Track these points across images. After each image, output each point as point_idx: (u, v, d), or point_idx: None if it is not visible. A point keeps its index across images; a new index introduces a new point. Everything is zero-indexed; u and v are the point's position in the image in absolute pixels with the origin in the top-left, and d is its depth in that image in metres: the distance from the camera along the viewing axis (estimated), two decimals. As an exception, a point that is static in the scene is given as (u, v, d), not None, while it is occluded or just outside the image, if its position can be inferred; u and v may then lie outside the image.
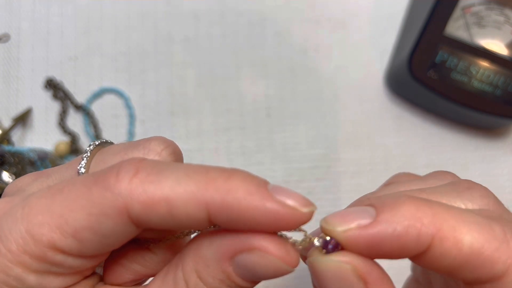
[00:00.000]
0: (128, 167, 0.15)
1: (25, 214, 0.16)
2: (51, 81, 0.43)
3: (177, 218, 0.15)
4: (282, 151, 0.43)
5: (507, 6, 0.41)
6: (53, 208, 0.16)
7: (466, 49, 0.40)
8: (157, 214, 0.15)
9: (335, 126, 0.44)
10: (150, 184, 0.15)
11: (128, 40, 0.44)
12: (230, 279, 0.16)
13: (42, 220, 0.16)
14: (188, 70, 0.44)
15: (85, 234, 0.16)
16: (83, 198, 0.15)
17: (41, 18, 0.45)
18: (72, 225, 0.15)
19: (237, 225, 0.16)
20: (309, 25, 0.45)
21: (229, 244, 0.16)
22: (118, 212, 0.15)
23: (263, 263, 0.16)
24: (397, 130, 0.44)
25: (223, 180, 0.15)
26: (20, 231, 0.16)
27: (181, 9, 0.45)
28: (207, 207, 0.15)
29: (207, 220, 0.15)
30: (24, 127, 0.43)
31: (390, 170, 0.43)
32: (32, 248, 0.16)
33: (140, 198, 0.15)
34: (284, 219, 0.15)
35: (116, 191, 0.15)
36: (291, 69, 0.45)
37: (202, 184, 0.15)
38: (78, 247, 0.16)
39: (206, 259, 0.16)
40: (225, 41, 0.45)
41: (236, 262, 0.16)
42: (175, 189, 0.15)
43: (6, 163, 0.40)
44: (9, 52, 0.44)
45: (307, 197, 0.16)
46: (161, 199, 0.15)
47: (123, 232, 0.16)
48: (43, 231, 0.16)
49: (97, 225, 0.15)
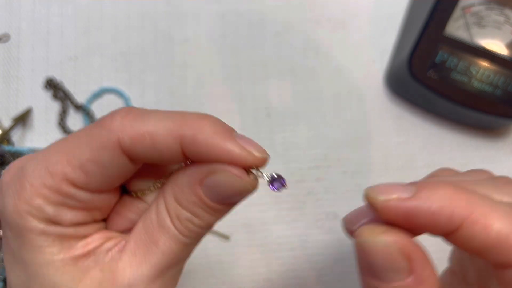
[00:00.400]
0: (120, 112, 0.20)
1: (45, 156, 0.20)
2: (51, 81, 0.43)
3: (158, 149, 0.19)
4: (282, 151, 0.43)
5: (507, 6, 0.41)
6: (64, 148, 0.20)
7: (466, 49, 0.40)
8: (142, 145, 0.19)
9: (335, 126, 0.44)
10: (137, 122, 0.19)
11: (128, 40, 0.44)
12: (201, 201, 0.20)
13: (57, 159, 0.20)
14: (188, 70, 0.44)
15: (89, 166, 0.19)
16: (86, 137, 0.20)
17: (41, 18, 0.45)
18: (78, 158, 0.19)
19: (204, 158, 0.19)
20: (309, 25, 0.45)
21: (199, 170, 0.20)
22: (113, 144, 0.19)
23: (226, 181, 0.19)
24: (397, 130, 0.44)
25: (196, 120, 0.19)
26: (41, 169, 0.20)
27: (181, 9, 0.45)
28: (181, 140, 0.19)
29: (181, 153, 0.19)
30: (24, 127, 0.43)
31: (390, 170, 0.43)
32: (50, 182, 0.19)
33: (129, 132, 0.19)
34: (240, 158, 0.19)
35: (111, 128, 0.19)
36: (291, 69, 0.45)
37: (178, 123, 0.19)
38: (85, 179, 0.20)
39: (182, 185, 0.20)
40: (225, 41, 0.45)
41: (205, 185, 0.20)
42: (157, 125, 0.19)
43: (6, 163, 0.40)
44: (9, 52, 0.44)
45: (307, 197, 0.19)
46: (146, 133, 0.19)
47: (119, 164, 0.20)
48: (58, 167, 0.19)
49: (98, 157, 0.19)
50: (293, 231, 0.41)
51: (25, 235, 0.20)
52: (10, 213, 0.20)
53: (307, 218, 0.42)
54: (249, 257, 0.40)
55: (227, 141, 0.19)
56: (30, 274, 0.20)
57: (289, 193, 0.42)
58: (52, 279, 0.20)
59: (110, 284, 0.20)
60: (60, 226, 0.20)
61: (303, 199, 0.42)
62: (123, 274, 0.20)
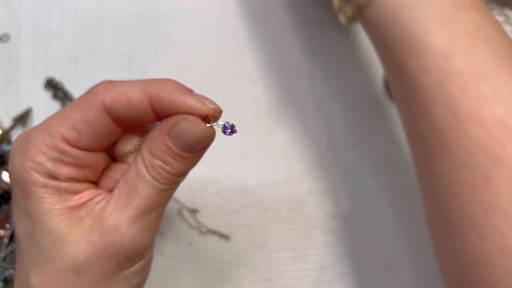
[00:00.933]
0: (103, 82, 0.25)
1: (45, 122, 0.24)
2: (51, 81, 0.43)
3: (132, 105, 0.24)
4: (282, 151, 0.43)
5: (506, 6, 0.42)
6: (60, 114, 0.24)
7: (466, 49, 0.40)
8: (120, 103, 0.24)
9: (335, 126, 0.44)
10: (115, 86, 0.24)
11: (128, 40, 0.45)
12: (170, 149, 0.24)
13: (54, 122, 0.24)
14: (188, 70, 0.44)
15: (80, 124, 0.24)
16: (77, 103, 0.24)
17: (41, 18, 0.45)
18: (70, 119, 0.24)
19: (168, 111, 0.24)
20: (309, 26, 0.46)
21: (165, 123, 0.24)
22: (98, 105, 0.24)
23: (187, 128, 0.24)
24: (396, 130, 0.44)
25: (161, 81, 0.24)
26: (42, 131, 0.24)
27: (181, 9, 0.45)
28: (150, 97, 0.24)
29: (150, 107, 0.24)
30: (24, 127, 0.43)
31: (391, 170, 0.43)
32: (49, 141, 0.24)
33: (110, 94, 0.24)
34: (196, 108, 0.24)
35: (96, 92, 0.24)
36: (291, 69, 0.45)
37: (147, 84, 0.24)
38: (77, 137, 0.24)
39: (153, 138, 0.24)
40: (225, 41, 0.45)
41: (171, 135, 0.24)
42: (131, 87, 0.24)
43: (7, 163, 0.40)
44: (9, 52, 0.44)
45: (307, 197, 0.26)
46: (122, 93, 0.24)
47: (104, 123, 0.24)
48: (55, 128, 0.24)
49: (86, 116, 0.24)
50: (293, 231, 0.41)
51: (30, 188, 0.24)
52: (18, 171, 0.24)
53: (307, 218, 0.42)
54: (249, 257, 0.40)
55: (186, 95, 0.24)
56: (33, 222, 0.24)
57: (289, 193, 0.42)
58: (51, 225, 0.24)
59: (98, 229, 0.24)
60: (58, 180, 0.24)
61: (303, 199, 0.42)
62: (109, 219, 0.24)
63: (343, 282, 0.40)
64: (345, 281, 0.40)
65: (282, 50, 0.45)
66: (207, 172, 0.42)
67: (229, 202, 0.42)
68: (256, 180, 0.42)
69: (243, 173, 0.42)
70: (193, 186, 0.42)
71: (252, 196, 0.42)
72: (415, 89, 0.27)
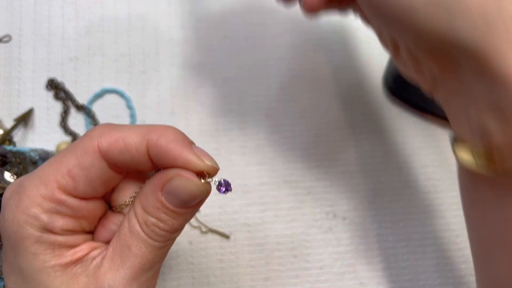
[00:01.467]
0: (99, 125, 0.24)
1: (39, 170, 0.23)
2: (52, 82, 0.44)
3: (129, 151, 0.23)
4: (282, 151, 0.43)
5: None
6: (55, 161, 0.23)
7: (465, 50, 0.40)
8: (117, 148, 0.23)
9: (335, 126, 0.44)
10: (112, 130, 0.23)
11: (129, 41, 0.45)
12: (164, 206, 0.23)
13: (49, 170, 0.23)
14: (188, 70, 0.44)
15: (75, 170, 0.23)
16: (71, 148, 0.23)
17: (42, 19, 0.45)
18: (66, 165, 0.23)
19: (164, 162, 0.23)
20: (309, 26, 0.46)
21: (159, 178, 0.23)
22: (93, 149, 0.23)
23: (182, 185, 0.22)
24: (396, 130, 0.44)
25: (161, 128, 0.23)
26: (36, 181, 0.22)
27: (181, 10, 0.45)
28: (147, 144, 0.22)
29: (147, 155, 0.23)
30: (25, 127, 0.43)
31: (390, 170, 0.43)
32: (44, 191, 0.22)
33: (106, 138, 0.23)
34: (194, 164, 0.22)
35: (92, 136, 0.23)
36: (291, 69, 0.45)
37: (146, 129, 0.23)
38: (73, 184, 0.23)
39: (146, 193, 0.23)
40: (226, 42, 0.45)
41: (165, 191, 0.23)
42: (128, 132, 0.23)
43: (8, 163, 0.40)
44: (10, 52, 0.44)
45: (307, 196, 0.22)
46: (119, 138, 0.23)
47: (100, 168, 0.23)
48: (50, 177, 0.22)
49: (82, 161, 0.23)
50: (293, 230, 0.41)
51: (22, 243, 0.22)
52: (9, 225, 0.22)
53: (306, 218, 0.42)
54: (249, 257, 0.41)
55: (184, 148, 0.23)
56: (25, 278, 0.23)
57: (289, 193, 0.42)
58: (45, 283, 0.22)
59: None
60: (53, 234, 0.23)
61: (303, 198, 0.42)
62: (104, 279, 0.23)
63: (342, 281, 0.40)
64: (344, 281, 0.41)
65: (281, 50, 0.45)
66: (207, 172, 0.43)
67: (229, 202, 0.42)
68: (256, 180, 0.42)
69: (243, 173, 0.43)
70: (194, 186, 0.42)
71: (252, 196, 0.42)
72: None
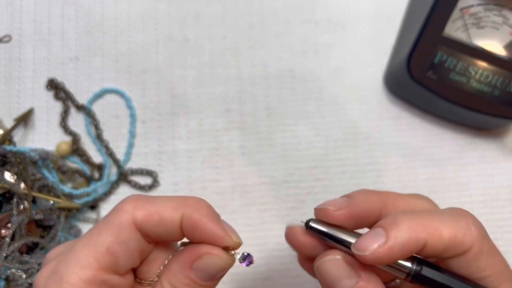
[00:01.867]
0: (129, 199, 0.24)
1: (74, 255, 0.23)
2: (52, 82, 0.44)
3: (164, 224, 0.23)
4: (282, 151, 0.43)
5: (505, 7, 0.42)
6: (89, 242, 0.23)
7: (465, 50, 0.40)
8: (152, 221, 0.23)
9: (335, 126, 0.44)
10: (146, 204, 0.23)
11: (129, 41, 0.45)
12: (193, 281, 0.24)
13: (85, 252, 0.23)
14: (188, 70, 0.44)
15: (114, 247, 0.23)
16: (104, 225, 0.23)
17: (42, 19, 0.45)
18: (103, 244, 0.23)
19: (196, 235, 0.24)
20: (309, 26, 0.46)
21: (188, 255, 0.24)
22: (129, 223, 0.23)
23: (211, 262, 0.24)
24: (396, 130, 0.44)
25: (194, 202, 0.24)
26: (74, 267, 0.22)
27: (181, 10, 0.46)
28: (182, 217, 0.23)
29: (180, 228, 0.23)
30: (25, 127, 0.43)
31: (389, 170, 0.43)
32: (86, 276, 0.22)
33: (141, 212, 0.23)
34: (223, 240, 0.24)
35: (126, 210, 0.23)
36: (291, 69, 0.45)
37: (181, 202, 0.24)
38: (113, 260, 0.23)
39: (175, 271, 0.24)
40: (225, 42, 0.45)
41: (194, 268, 0.24)
42: (163, 205, 0.23)
43: (8, 163, 0.40)
44: (10, 52, 0.44)
45: (307, 196, 0.27)
46: (154, 212, 0.23)
47: (136, 240, 0.23)
48: (89, 259, 0.22)
49: (119, 236, 0.23)
50: (293, 230, 0.42)
51: None
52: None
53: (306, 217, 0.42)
54: (249, 257, 0.41)
55: (217, 224, 0.24)
56: None
57: (289, 193, 0.42)
58: None
59: None
60: None
61: (303, 198, 0.42)
62: None
63: (342, 281, 0.41)
64: (344, 281, 0.41)
65: (281, 50, 0.45)
66: (207, 172, 0.43)
67: (229, 202, 0.42)
68: (256, 180, 0.42)
69: (243, 173, 0.43)
70: (193, 186, 0.42)
71: (252, 196, 0.42)
72: None
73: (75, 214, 0.41)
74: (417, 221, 0.24)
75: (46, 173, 0.41)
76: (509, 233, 0.43)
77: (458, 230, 0.24)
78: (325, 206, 0.26)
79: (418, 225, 0.23)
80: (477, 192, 0.43)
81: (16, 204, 0.39)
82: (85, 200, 0.41)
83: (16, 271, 0.39)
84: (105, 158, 0.43)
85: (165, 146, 0.43)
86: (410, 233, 0.23)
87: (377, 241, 0.23)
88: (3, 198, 0.40)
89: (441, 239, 0.23)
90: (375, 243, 0.23)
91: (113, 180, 0.42)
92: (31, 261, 0.39)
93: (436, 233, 0.23)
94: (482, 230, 0.24)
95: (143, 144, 0.43)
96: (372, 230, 0.24)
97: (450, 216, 0.24)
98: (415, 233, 0.23)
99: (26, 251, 0.40)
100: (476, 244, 0.24)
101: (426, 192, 0.43)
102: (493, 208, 0.43)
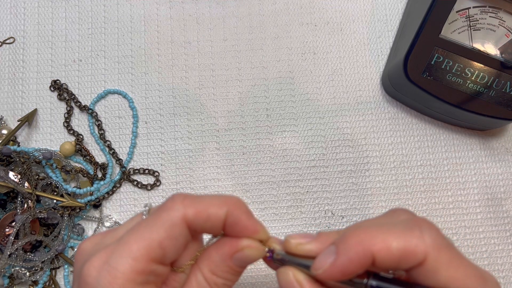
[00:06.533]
0: (177, 197, 0.26)
1: (127, 248, 0.24)
2: (56, 83, 0.44)
3: (212, 220, 0.25)
4: (281, 151, 0.44)
5: (501, 9, 0.42)
6: (142, 236, 0.24)
7: (461, 52, 0.41)
8: (201, 218, 0.25)
9: (333, 126, 0.44)
10: (195, 202, 0.25)
11: (131, 43, 0.45)
12: (231, 269, 0.27)
13: (137, 246, 0.24)
14: (189, 72, 0.45)
15: (166, 242, 0.24)
16: (156, 221, 0.25)
17: (45, 21, 0.46)
18: (156, 239, 0.24)
19: (236, 229, 0.26)
20: (308, 29, 0.46)
21: (229, 248, 0.26)
22: (181, 221, 0.25)
23: (251, 253, 0.26)
24: (393, 130, 0.45)
25: (234, 201, 0.26)
26: (127, 258, 0.24)
27: (183, 13, 0.46)
28: (227, 214, 0.25)
29: (223, 223, 0.25)
30: (29, 127, 0.44)
31: (386, 170, 0.44)
32: (138, 267, 0.24)
33: (192, 209, 0.25)
34: (261, 234, 0.26)
35: (177, 209, 0.25)
36: (290, 71, 0.45)
37: (223, 200, 0.26)
38: (163, 253, 0.24)
39: (216, 261, 0.27)
40: (226, 44, 0.46)
41: (235, 258, 0.26)
42: (210, 203, 0.25)
43: (12, 163, 0.41)
44: (14, 54, 0.45)
45: (305, 195, 0.30)
46: (203, 209, 0.25)
47: (184, 235, 0.25)
48: (142, 251, 0.24)
49: (171, 232, 0.25)
50: (292, 228, 0.42)
51: None
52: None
53: (305, 216, 0.43)
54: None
55: (254, 221, 0.26)
56: None
57: (288, 192, 0.43)
58: None
59: None
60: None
61: (302, 197, 0.43)
62: None
63: (341, 279, 0.41)
64: (342, 278, 0.41)
65: (281, 51, 0.46)
66: (207, 171, 0.43)
67: (229, 201, 0.42)
68: (255, 179, 0.43)
69: (243, 173, 0.43)
70: (194, 185, 0.43)
71: (251, 195, 0.43)
72: None
73: (78, 213, 0.41)
74: (365, 234, 0.23)
75: (50, 172, 0.41)
76: (505, 232, 0.43)
77: (408, 241, 0.22)
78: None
79: (365, 238, 0.23)
80: (473, 191, 0.44)
81: (20, 203, 0.39)
82: (88, 199, 0.41)
83: (20, 269, 0.39)
84: (108, 157, 0.43)
85: (166, 146, 0.44)
86: (357, 247, 0.23)
87: (329, 258, 0.24)
88: (8, 197, 0.40)
89: (389, 251, 0.22)
90: (327, 261, 0.24)
91: (116, 180, 0.43)
92: (35, 259, 0.39)
93: (383, 245, 0.23)
94: (439, 240, 0.23)
95: (145, 144, 0.44)
96: (327, 247, 0.25)
97: (402, 227, 0.23)
98: (361, 247, 0.23)
99: (30, 249, 0.40)
100: (431, 255, 0.22)
101: (422, 192, 0.44)
102: (489, 207, 0.43)
